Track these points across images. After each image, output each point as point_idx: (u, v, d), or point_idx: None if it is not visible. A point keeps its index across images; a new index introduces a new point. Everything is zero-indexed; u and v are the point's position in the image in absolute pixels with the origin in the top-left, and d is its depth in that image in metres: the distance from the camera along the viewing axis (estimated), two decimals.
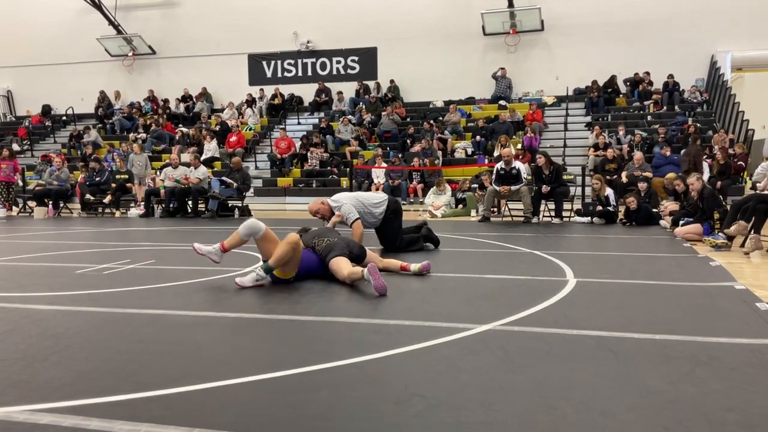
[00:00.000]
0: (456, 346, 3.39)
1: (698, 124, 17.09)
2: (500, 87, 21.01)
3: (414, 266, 5.63)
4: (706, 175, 12.68)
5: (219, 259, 5.56)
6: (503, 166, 11.79)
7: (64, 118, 24.58)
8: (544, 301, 4.47)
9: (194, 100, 23.25)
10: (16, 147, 21.74)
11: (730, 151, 14.67)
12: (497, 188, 11.76)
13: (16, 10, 24.90)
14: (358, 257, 5.56)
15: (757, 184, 9.95)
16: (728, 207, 8.64)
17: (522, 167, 11.87)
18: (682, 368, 2.98)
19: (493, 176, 12.08)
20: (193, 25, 23.55)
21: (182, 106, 23.18)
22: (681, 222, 9.17)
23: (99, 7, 23.33)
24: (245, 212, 14.14)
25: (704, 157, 14.19)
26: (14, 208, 16.03)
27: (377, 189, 15.83)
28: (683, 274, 5.82)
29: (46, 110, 24.86)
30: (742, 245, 7.47)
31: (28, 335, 3.72)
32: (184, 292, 5.04)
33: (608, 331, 3.62)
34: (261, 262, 5.39)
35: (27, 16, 24.75)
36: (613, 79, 20.12)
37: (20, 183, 16.80)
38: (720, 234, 7.71)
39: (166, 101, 23.57)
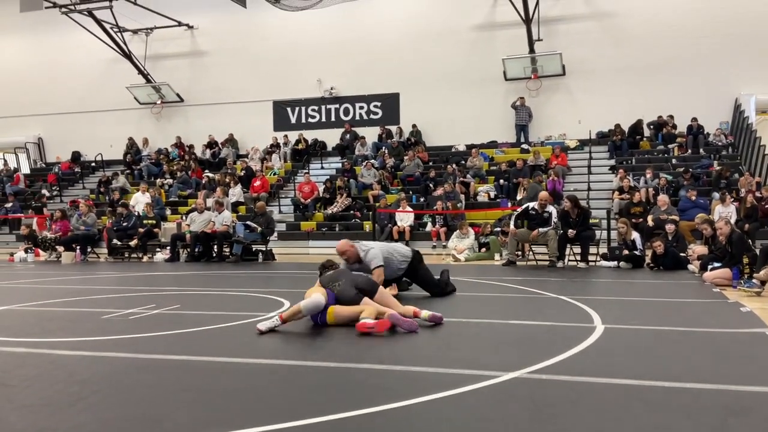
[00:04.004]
0: (482, 394, 3.35)
1: (724, 167, 16.95)
2: (521, 115, 21.07)
3: (425, 313, 5.44)
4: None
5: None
6: (536, 208, 11.74)
7: (93, 164, 25.09)
8: (572, 348, 4.40)
9: (220, 146, 23.63)
10: (45, 192, 22.19)
11: (757, 194, 14.50)
12: (525, 231, 11.69)
13: (49, 60, 25.70)
14: (364, 290, 5.51)
15: None
16: (757, 251, 8.50)
17: (554, 211, 11.78)
18: (715, 419, 2.91)
19: (518, 212, 12.07)
20: (219, 73, 24.09)
21: (208, 152, 23.57)
22: (709, 267, 9.01)
23: (129, 56, 24.01)
24: (269, 256, 14.21)
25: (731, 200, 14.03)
26: (43, 252, 16.11)
27: (400, 231, 15.88)
28: (714, 320, 5.71)
29: (76, 156, 25.38)
30: None
31: (54, 381, 3.74)
32: (209, 337, 5.05)
33: (638, 380, 3.55)
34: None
35: (59, 66, 25.50)
36: (639, 123, 20.05)
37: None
38: (754, 281, 7.56)
39: (191, 147, 23.98)
